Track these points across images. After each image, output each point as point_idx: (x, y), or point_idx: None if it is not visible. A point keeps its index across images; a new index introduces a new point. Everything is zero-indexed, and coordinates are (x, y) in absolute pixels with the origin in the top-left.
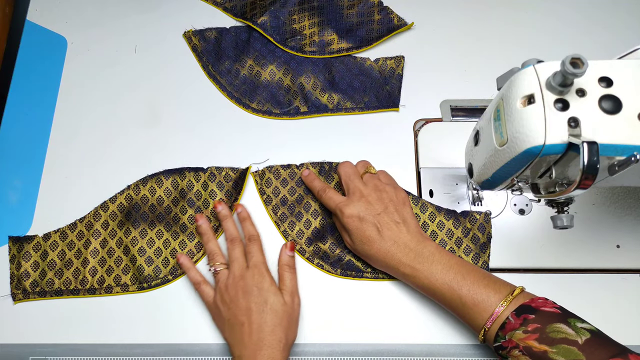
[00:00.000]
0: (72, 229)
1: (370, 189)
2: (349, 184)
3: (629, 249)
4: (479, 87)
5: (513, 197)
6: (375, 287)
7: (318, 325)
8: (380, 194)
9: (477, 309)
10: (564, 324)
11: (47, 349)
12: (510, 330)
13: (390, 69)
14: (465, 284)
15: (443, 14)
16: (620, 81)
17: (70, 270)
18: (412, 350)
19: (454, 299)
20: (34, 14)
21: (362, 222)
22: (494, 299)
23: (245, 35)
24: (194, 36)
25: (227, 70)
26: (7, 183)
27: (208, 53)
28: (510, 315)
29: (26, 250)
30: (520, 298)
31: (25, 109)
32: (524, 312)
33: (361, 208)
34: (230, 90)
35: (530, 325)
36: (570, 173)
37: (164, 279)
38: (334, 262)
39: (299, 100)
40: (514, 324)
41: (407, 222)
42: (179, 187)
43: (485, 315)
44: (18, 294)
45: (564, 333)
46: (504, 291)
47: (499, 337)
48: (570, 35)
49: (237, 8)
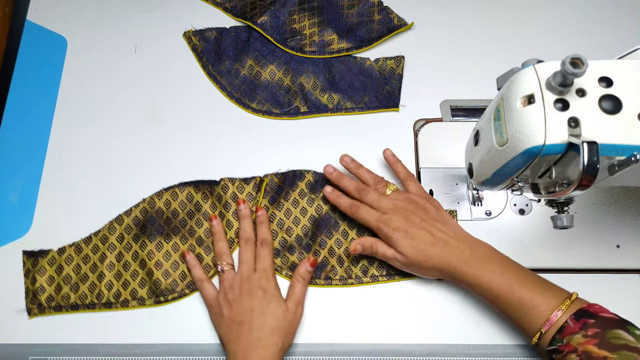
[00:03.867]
0: (87, 242)
1: (402, 202)
2: (380, 203)
3: (629, 249)
4: (479, 87)
5: (513, 197)
6: (375, 288)
7: (318, 325)
8: (415, 203)
9: (535, 311)
10: (624, 330)
11: (47, 349)
12: (569, 334)
13: (390, 69)
14: (524, 286)
15: (443, 14)
16: (620, 81)
17: (86, 285)
18: (412, 350)
19: (512, 300)
20: (34, 14)
21: (410, 229)
22: (552, 303)
23: (245, 35)
24: (194, 36)
25: (227, 70)
26: (7, 183)
27: (208, 53)
28: (569, 319)
29: (41, 265)
30: (577, 303)
31: (25, 109)
32: (582, 317)
33: (404, 217)
34: (231, 90)
35: (590, 330)
36: (570, 173)
37: (181, 293)
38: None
39: (299, 100)
40: (573, 328)
41: (450, 223)
42: (194, 200)
43: (543, 318)
44: (33, 309)
45: (625, 340)
46: (561, 296)
47: (555, 341)
48: (570, 35)
49: (237, 8)
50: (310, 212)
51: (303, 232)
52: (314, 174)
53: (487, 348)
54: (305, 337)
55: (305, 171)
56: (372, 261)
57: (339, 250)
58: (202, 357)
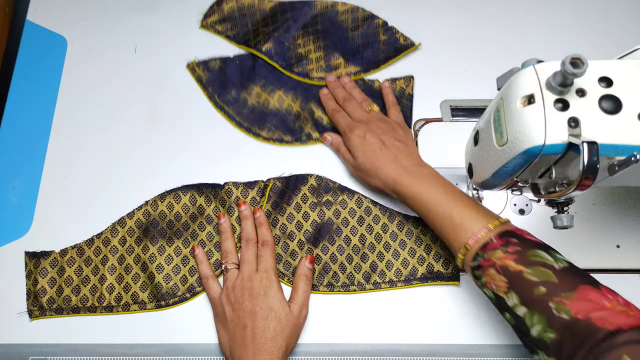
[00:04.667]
0: (89, 244)
1: (377, 118)
2: (355, 113)
3: (629, 249)
4: (479, 87)
5: (513, 197)
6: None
7: (318, 326)
8: (386, 123)
9: (463, 227)
10: (545, 252)
11: (47, 349)
12: (490, 250)
13: (400, 89)
14: (457, 205)
15: (443, 15)
16: (620, 81)
17: (88, 287)
18: (412, 350)
19: (444, 215)
20: (34, 14)
21: (367, 137)
22: (481, 221)
23: (250, 62)
24: (198, 67)
25: (234, 99)
26: (7, 183)
27: (213, 83)
28: (494, 236)
29: (43, 267)
30: (507, 226)
31: (25, 109)
32: (507, 236)
33: (369, 128)
34: (239, 120)
35: (511, 247)
36: (570, 173)
37: (182, 297)
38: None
39: (310, 127)
40: (496, 245)
41: (409, 145)
42: (197, 203)
43: (470, 234)
44: (35, 311)
45: (543, 258)
46: (491, 218)
47: (478, 257)
48: (570, 35)
49: (239, 36)
50: (313, 217)
51: (305, 237)
52: (317, 178)
53: (486, 348)
54: (305, 337)
55: (308, 175)
56: (374, 268)
57: (341, 256)
58: (202, 357)
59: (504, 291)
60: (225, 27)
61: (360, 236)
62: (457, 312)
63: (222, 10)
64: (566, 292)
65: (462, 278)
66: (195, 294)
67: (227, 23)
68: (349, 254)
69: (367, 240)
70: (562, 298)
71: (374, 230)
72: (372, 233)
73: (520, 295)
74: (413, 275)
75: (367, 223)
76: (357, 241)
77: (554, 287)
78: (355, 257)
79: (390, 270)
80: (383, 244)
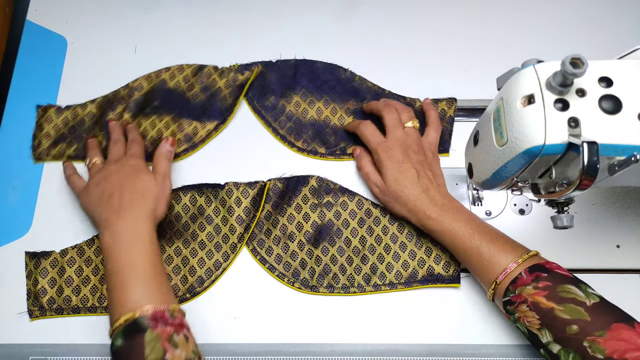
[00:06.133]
0: (89, 244)
1: (411, 140)
2: (392, 131)
3: (629, 249)
4: (479, 87)
5: (513, 197)
6: None
7: (318, 326)
8: (420, 147)
9: (492, 262)
10: (575, 286)
11: (47, 349)
12: (521, 286)
13: (442, 110)
14: (486, 238)
15: (443, 14)
16: (620, 81)
17: (88, 287)
18: (412, 350)
19: (472, 249)
20: (34, 14)
21: (403, 163)
22: (510, 256)
23: (292, 70)
24: (240, 72)
25: (272, 105)
26: (7, 183)
27: (253, 87)
28: (523, 271)
29: (43, 267)
30: (535, 259)
31: (25, 109)
32: (537, 271)
33: (404, 152)
34: (276, 127)
35: (542, 282)
36: (570, 173)
37: (182, 297)
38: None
39: (346, 141)
40: (526, 280)
41: (439, 176)
42: (197, 204)
43: (499, 270)
44: (35, 311)
45: (574, 294)
46: (520, 251)
47: (508, 292)
48: (570, 35)
49: (81, 150)
50: (313, 218)
51: (305, 238)
52: (318, 179)
53: (487, 348)
54: (305, 337)
55: (309, 176)
56: (374, 270)
57: (342, 258)
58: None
59: (537, 328)
60: (61, 148)
61: (360, 238)
62: (457, 312)
63: (48, 134)
64: (599, 331)
65: (463, 280)
66: (195, 294)
67: (60, 144)
68: (349, 255)
69: (368, 242)
70: (596, 337)
71: (374, 232)
72: (373, 235)
73: (553, 332)
74: (413, 277)
75: (367, 225)
76: (357, 243)
77: (587, 326)
78: (355, 258)
79: (391, 272)
80: (383, 246)
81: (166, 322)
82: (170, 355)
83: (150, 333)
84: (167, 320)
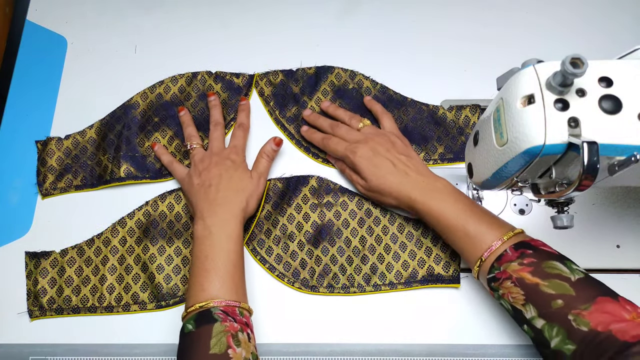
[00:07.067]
0: (89, 244)
1: (372, 134)
2: (349, 135)
3: (629, 249)
4: (479, 87)
5: (513, 197)
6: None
7: (318, 325)
8: (384, 136)
9: (477, 239)
10: (560, 262)
11: (47, 349)
12: (506, 262)
13: (465, 117)
14: (472, 217)
15: (443, 14)
16: (620, 81)
17: (88, 287)
18: (412, 350)
19: (458, 228)
20: (34, 14)
21: (375, 157)
22: (496, 233)
23: (313, 79)
24: (260, 80)
25: (294, 116)
26: (7, 183)
27: (275, 97)
28: (509, 248)
29: (43, 267)
30: (521, 237)
31: (25, 109)
32: (522, 248)
33: (370, 147)
34: (299, 139)
35: (527, 259)
36: (570, 173)
37: (183, 297)
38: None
39: None
40: (511, 256)
41: (415, 159)
42: None
43: (484, 247)
44: (35, 311)
45: (559, 270)
46: (505, 228)
47: (493, 268)
48: (570, 35)
49: (87, 179)
50: (313, 218)
51: (306, 238)
52: (318, 179)
53: (487, 348)
54: (305, 337)
55: (309, 177)
56: (374, 270)
57: (341, 258)
58: None
59: (522, 304)
60: (67, 180)
61: (360, 238)
62: (457, 312)
63: (53, 167)
64: (584, 305)
65: (463, 280)
66: None
67: (66, 175)
68: (349, 255)
69: (368, 242)
70: (581, 310)
71: (374, 232)
72: (373, 235)
73: (538, 308)
74: (413, 277)
75: (367, 225)
76: (357, 243)
77: (571, 300)
78: (355, 258)
79: (391, 272)
80: (383, 246)
81: (235, 318)
82: (232, 352)
83: (219, 325)
84: (237, 317)
